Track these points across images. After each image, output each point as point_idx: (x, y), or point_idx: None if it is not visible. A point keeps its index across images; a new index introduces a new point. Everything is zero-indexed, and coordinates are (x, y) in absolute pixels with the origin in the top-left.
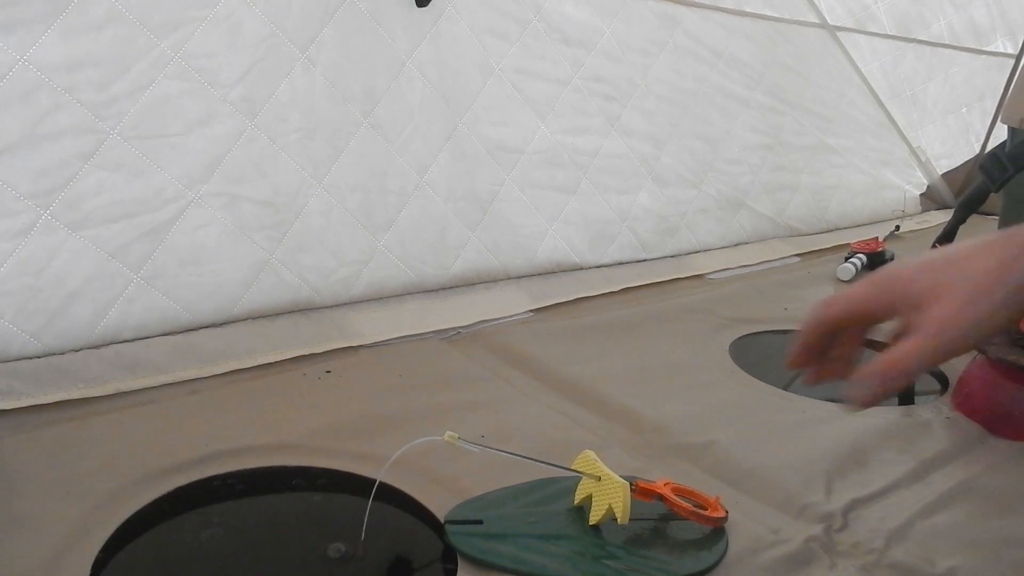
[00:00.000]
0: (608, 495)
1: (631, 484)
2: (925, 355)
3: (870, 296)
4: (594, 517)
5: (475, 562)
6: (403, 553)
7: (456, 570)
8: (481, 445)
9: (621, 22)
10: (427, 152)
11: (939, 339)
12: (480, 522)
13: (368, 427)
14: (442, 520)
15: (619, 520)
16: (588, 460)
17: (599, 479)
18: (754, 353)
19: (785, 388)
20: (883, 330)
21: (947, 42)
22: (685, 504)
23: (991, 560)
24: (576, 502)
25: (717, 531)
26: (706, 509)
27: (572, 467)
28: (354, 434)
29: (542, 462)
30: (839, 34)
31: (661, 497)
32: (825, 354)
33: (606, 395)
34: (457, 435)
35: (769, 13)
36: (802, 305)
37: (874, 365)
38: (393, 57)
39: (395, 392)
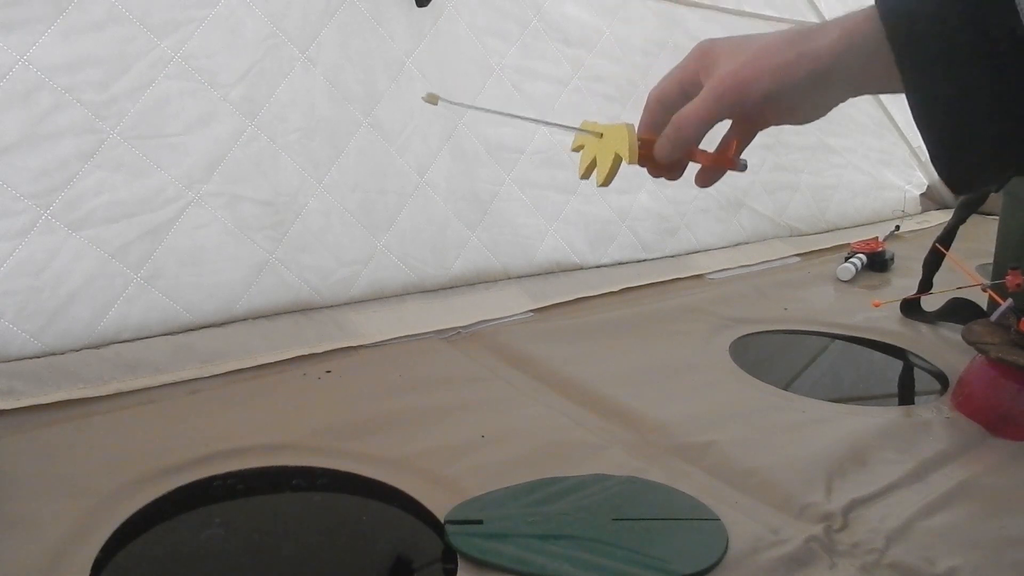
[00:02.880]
0: (611, 143)
1: (638, 139)
2: (704, 107)
3: (683, 66)
4: (601, 173)
5: (475, 562)
6: (403, 553)
7: (456, 570)
8: (467, 105)
9: (621, 22)
10: (427, 152)
11: (716, 92)
12: (480, 522)
13: (368, 427)
14: (442, 520)
15: (628, 160)
16: (588, 125)
17: (601, 135)
18: (754, 353)
19: (785, 388)
20: None
21: None
22: (702, 152)
23: (991, 560)
24: (581, 173)
25: (717, 531)
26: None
27: (573, 145)
28: (354, 434)
29: (537, 121)
30: None
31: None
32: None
33: (606, 395)
34: (439, 96)
35: (769, 13)
36: (802, 305)
37: (669, 124)
38: (393, 57)
39: (395, 392)
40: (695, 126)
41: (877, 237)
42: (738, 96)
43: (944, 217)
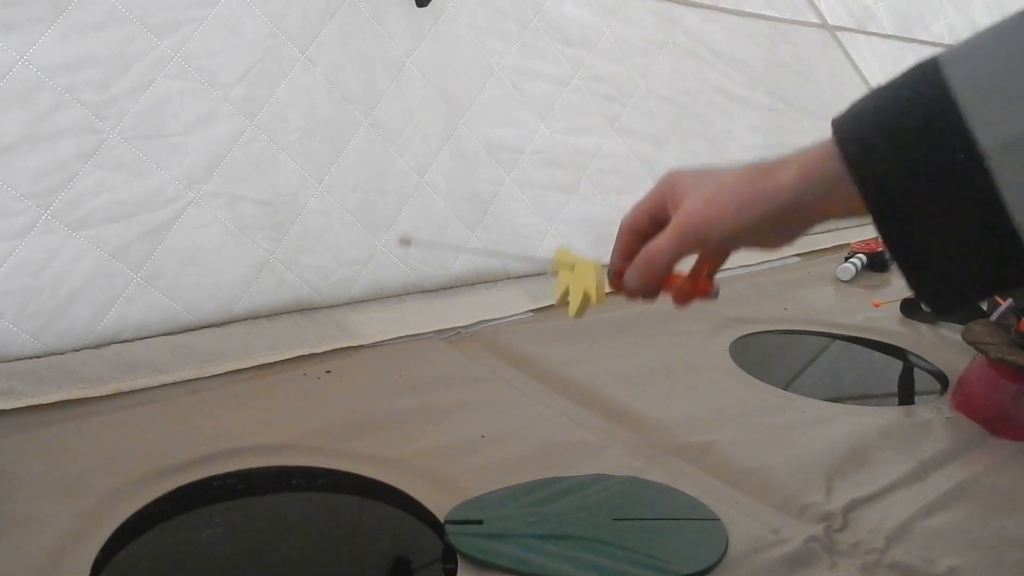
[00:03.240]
0: (582, 279)
1: (609, 270)
2: (669, 244)
3: (652, 196)
4: (572, 309)
5: (475, 562)
6: (403, 553)
7: (456, 570)
8: (429, 243)
9: (621, 22)
10: (427, 152)
11: (680, 229)
12: (480, 522)
13: (368, 427)
14: (442, 520)
15: (595, 302)
16: (562, 255)
17: (572, 268)
18: (754, 353)
19: (785, 388)
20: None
21: (947, 42)
22: (674, 278)
23: (991, 560)
24: (556, 300)
25: (717, 531)
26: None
27: (549, 269)
28: (354, 434)
29: (507, 255)
30: (839, 34)
31: None
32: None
33: (606, 395)
34: (410, 240)
35: (769, 13)
36: (802, 305)
37: (637, 256)
38: (393, 57)
39: (395, 392)
40: (662, 261)
41: (877, 237)
42: (701, 235)
43: None
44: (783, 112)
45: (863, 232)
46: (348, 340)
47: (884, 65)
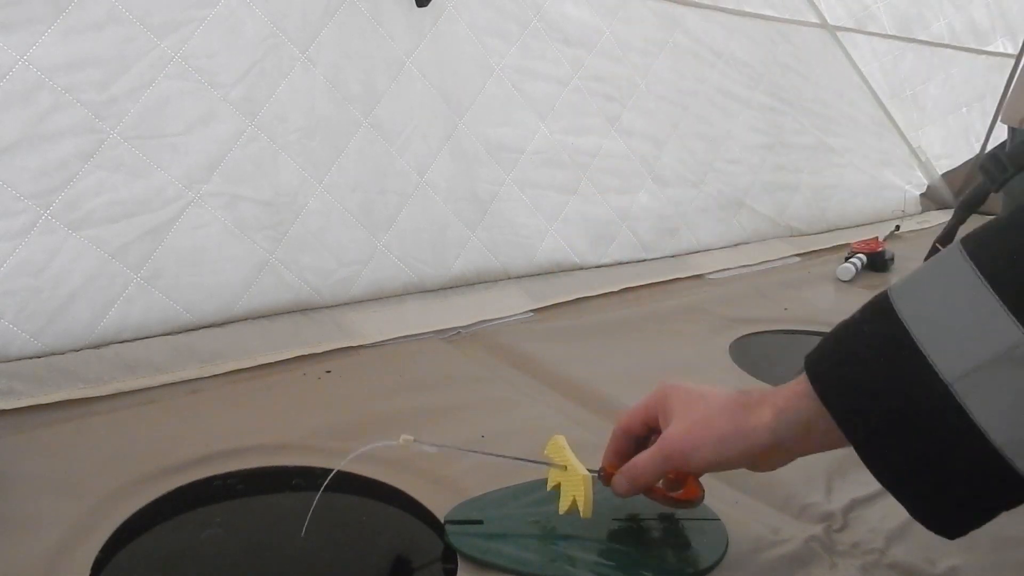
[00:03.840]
0: (572, 486)
1: (599, 471)
2: (653, 463)
3: (645, 403)
4: (561, 507)
5: (475, 562)
6: (403, 553)
7: (456, 570)
8: (438, 446)
9: (621, 22)
10: (427, 152)
11: (663, 452)
12: (480, 522)
13: (368, 427)
14: (442, 520)
15: (581, 513)
16: (557, 447)
17: (564, 468)
18: (754, 353)
19: None
20: None
21: (947, 42)
22: (657, 488)
23: (991, 560)
24: (549, 487)
25: (717, 531)
26: (679, 490)
27: (543, 456)
28: (354, 434)
29: (510, 457)
30: (839, 34)
31: None
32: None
33: (606, 395)
34: (413, 438)
35: (769, 13)
36: (802, 305)
37: (625, 467)
38: (393, 57)
39: (395, 392)
40: (646, 477)
41: (877, 237)
42: (682, 460)
43: (944, 217)
44: (783, 112)
45: (863, 232)
46: (348, 340)
47: (884, 65)
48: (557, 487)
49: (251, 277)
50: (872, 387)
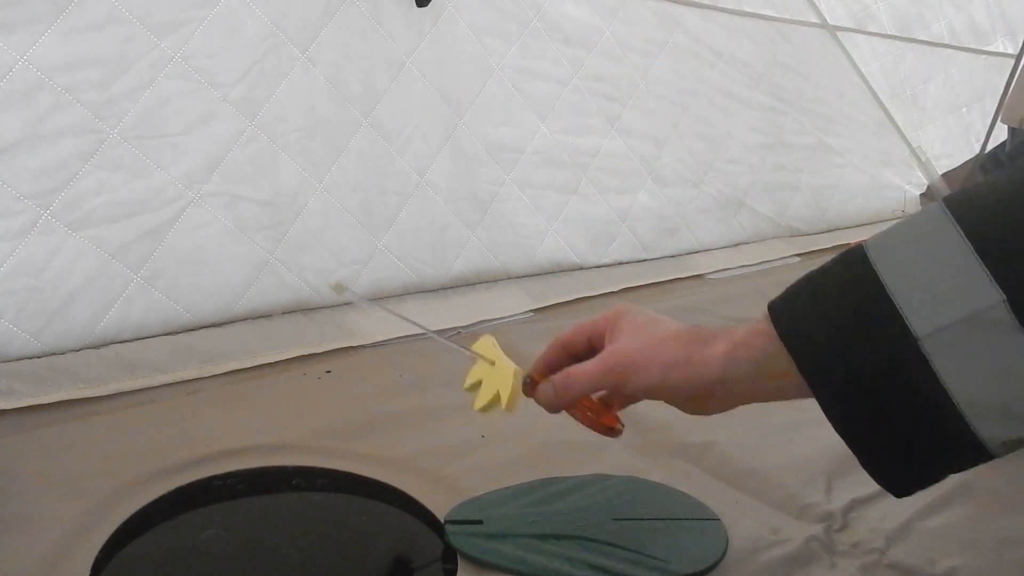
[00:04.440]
0: (498, 381)
1: (527, 378)
2: (590, 374)
3: (594, 321)
4: (479, 401)
5: (475, 562)
6: (403, 553)
7: (456, 570)
8: (367, 300)
9: (621, 22)
10: (427, 152)
11: (605, 365)
12: (480, 522)
13: (368, 427)
14: (442, 520)
15: (504, 407)
16: (486, 345)
17: (493, 363)
18: None
19: None
20: None
21: (947, 42)
22: (582, 404)
23: (991, 560)
24: (466, 386)
25: (717, 531)
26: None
27: (470, 349)
28: (354, 434)
29: (434, 335)
30: (839, 34)
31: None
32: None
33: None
34: (346, 287)
35: (769, 13)
36: None
37: (558, 374)
38: (393, 57)
39: (395, 392)
40: (578, 388)
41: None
42: (622, 377)
43: None
44: (783, 112)
45: (863, 232)
46: (348, 340)
47: (884, 65)
48: (476, 385)
49: (251, 277)
50: (837, 332)
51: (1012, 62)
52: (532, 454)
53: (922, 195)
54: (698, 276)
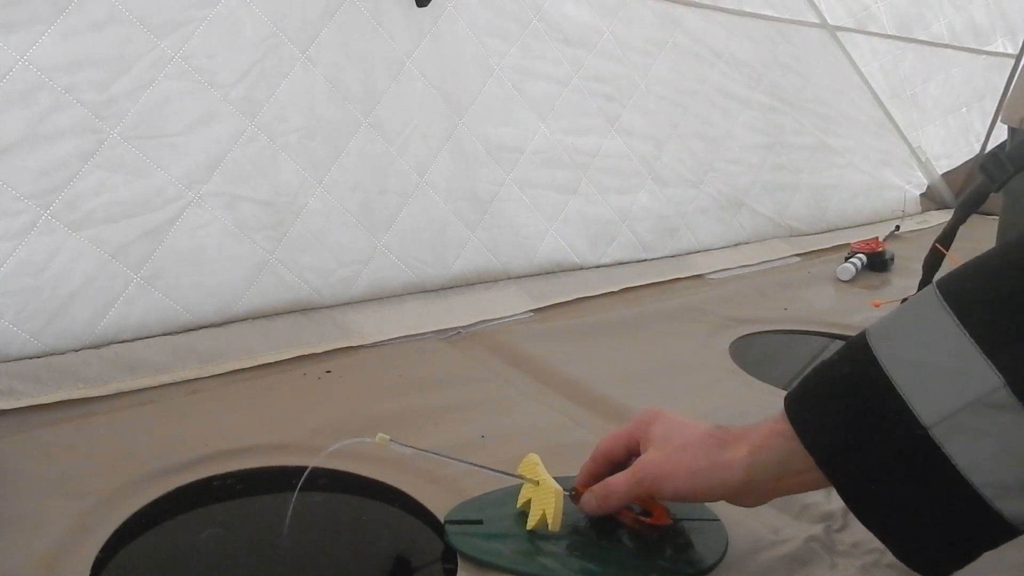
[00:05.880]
0: (543, 501)
1: (571, 490)
2: (625, 486)
3: (629, 429)
4: (530, 522)
5: (475, 562)
6: (403, 553)
7: (456, 570)
8: (414, 448)
9: (621, 22)
10: (427, 152)
11: (636, 477)
12: (480, 522)
13: (368, 427)
14: (442, 520)
15: (550, 526)
16: (530, 464)
17: (537, 483)
18: (754, 353)
19: (785, 388)
20: None
21: (947, 42)
22: (627, 511)
23: (991, 560)
24: (518, 506)
25: (717, 531)
26: (650, 516)
27: (515, 472)
28: (354, 434)
29: (484, 467)
30: (839, 34)
31: None
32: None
33: (606, 395)
34: (389, 437)
35: (769, 13)
36: (802, 305)
37: (598, 485)
38: (393, 57)
39: (395, 392)
40: (616, 499)
41: (877, 237)
42: (654, 486)
43: (944, 217)
44: (783, 112)
45: (863, 232)
46: (348, 340)
47: (884, 65)
48: (527, 505)
49: (251, 277)
50: (852, 430)
51: (1012, 62)
52: (531, 453)
53: (922, 195)
54: (698, 276)
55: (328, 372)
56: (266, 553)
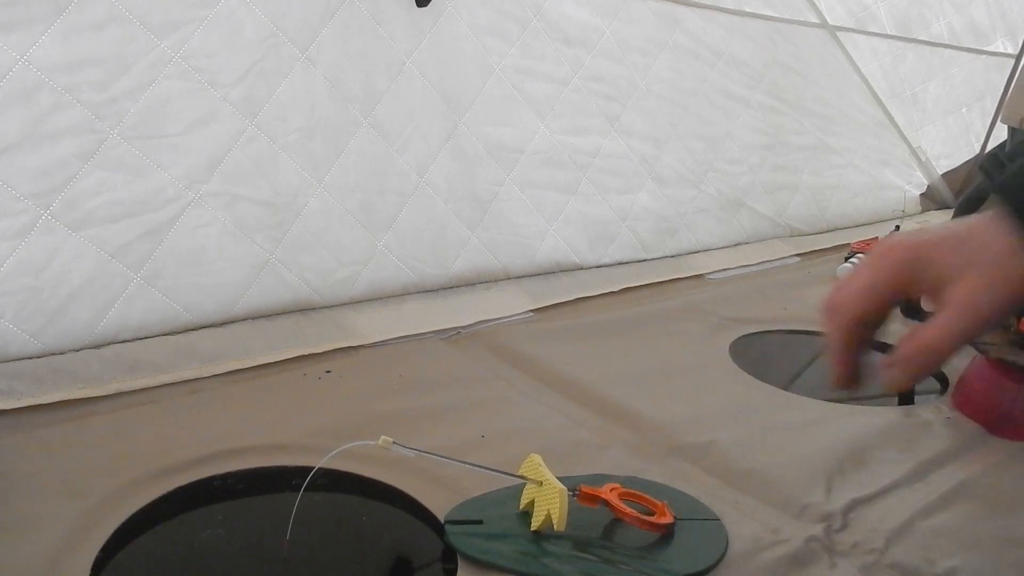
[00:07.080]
0: (547, 501)
1: (574, 490)
2: (957, 332)
3: (887, 280)
4: (534, 523)
5: (475, 562)
6: (403, 553)
7: (456, 570)
8: (418, 450)
9: (621, 22)
10: (427, 152)
11: (971, 315)
12: (480, 522)
13: (368, 427)
14: (442, 520)
15: (555, 527)
16: (533, 465)
17: (540, 484)
18: (754, 353)
19: (785, 388)
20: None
21: (947, 42)
22: (630, 510)
23: (991, 560)
24: (521, 507)
25: (717, 531)
26: (652, 515)
27: (518, 473)
28: (354, 434)
29: (485, 468)
30: (839, 34)
31: (605, 503)
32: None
33: (606, 395)
34: (392, 440)
35: (769, 13)
36: (802, 305)
37: (904, 349)
38: (393, 57)
39: (395, 392)
40: (946, 352)
41: (877, 237)
42: (990, 321)
43: (944, 217)
44: (783, 112)
45: (863, 232)
46: (348, 340)
47: (884, 65)
48: (530, 506)
49: (251, 277)
50: None
51: (1012, 62)
52: (531, 454)
53: (922, 195)
54: (698, 276)
55: (328, 372)
56: (266, 553)
